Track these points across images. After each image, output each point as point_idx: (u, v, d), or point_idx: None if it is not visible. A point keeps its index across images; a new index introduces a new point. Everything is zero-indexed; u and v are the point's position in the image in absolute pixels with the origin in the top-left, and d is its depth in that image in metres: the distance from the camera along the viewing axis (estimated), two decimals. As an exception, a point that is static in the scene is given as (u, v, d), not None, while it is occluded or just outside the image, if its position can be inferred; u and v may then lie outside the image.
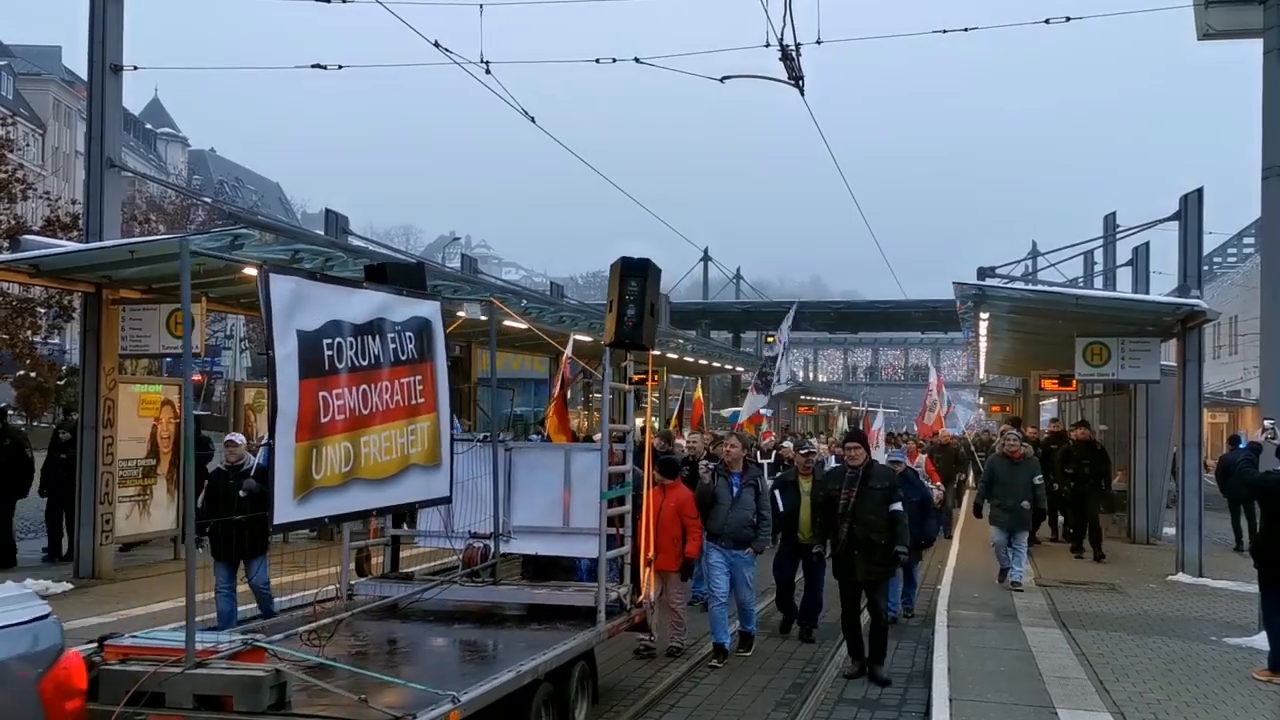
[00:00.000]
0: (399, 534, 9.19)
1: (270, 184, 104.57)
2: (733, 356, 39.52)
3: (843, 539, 9.61)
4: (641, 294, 8.41)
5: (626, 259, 8.56)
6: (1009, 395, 45.41)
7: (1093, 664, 9.64)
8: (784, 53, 12.84)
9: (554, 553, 9.20)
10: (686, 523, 10.15)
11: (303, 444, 6.03)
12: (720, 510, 10.37)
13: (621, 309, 8.41)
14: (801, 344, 78.13)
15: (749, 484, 10.46)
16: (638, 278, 8.46)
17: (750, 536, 10.36)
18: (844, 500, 9.63)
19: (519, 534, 8.78)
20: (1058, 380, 24.60)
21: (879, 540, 9.53)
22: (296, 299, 6.01)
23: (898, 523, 9.64)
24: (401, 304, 7.15)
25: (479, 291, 17.94)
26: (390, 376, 6.89)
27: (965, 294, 16.18)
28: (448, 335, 7.92)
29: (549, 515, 8.76)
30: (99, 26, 14.32)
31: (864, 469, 9.73)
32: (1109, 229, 23.08)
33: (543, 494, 8.78)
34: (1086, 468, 17.19)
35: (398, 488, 7.04)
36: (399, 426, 7.00)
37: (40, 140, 60.67)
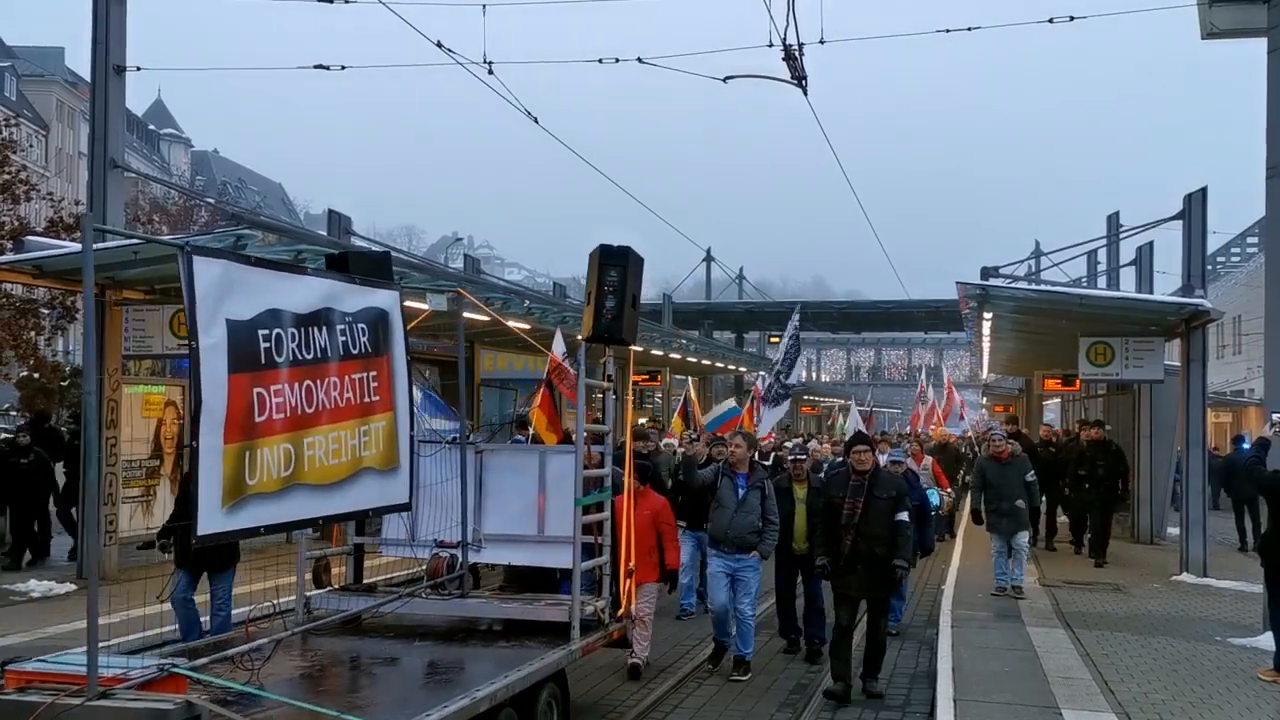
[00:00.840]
0: (362, 542, 8.52)
1: (273, 185, 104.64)
2: (735, 357, 39.53)
3: (845, 552, 8.91)
4: (622, 284, 7.79)
5: (605, 247, 7.93)
6: (1012, 395, 45.40)
7: (1097, 664, 9.62)
8: (787, 53, 12.83)
9: (528, 562, 8.53)
10: (663, 530, 9.49)
11: (233, 446, 5.45)
12: (724, 514, 9.72)
13: (600, 301, 7.79)
14: (805, 344, 78.19)
15: (755, 486, 9.76)
16: (617, 267, 7.83)
17: (754, 542, 9.68)
18: (848, 511, 8.92)
19: (490, 542, 8.19)
20: (1061, 380, 24.58)
21: (884, 555, 8.89)
22: (226, 284, 5.46)
23: (901, 534, 9.00)
24: (353, 293, 6.59)
25: (481, 292, 17.96)
26: (339, 372, 6.31)
27: (969, 294, 16.17)
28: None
29: (523, 522, 8.16)
30: (102, 28, 14.35)
31: (870, 476, 9.05)
32: (1112, 228, 23.06)
33: (516, 499, 8.18)
34: (1100, 469, 16.47)
35: (348, 493, 6.45)
36: (350, 427, 6.43)
37: (43, 141, 60.72)
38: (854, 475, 9.07)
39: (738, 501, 9.70)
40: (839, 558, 8.98)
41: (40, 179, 34.88)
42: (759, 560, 9.78)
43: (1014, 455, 13.73)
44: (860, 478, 9.01)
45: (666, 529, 9.55)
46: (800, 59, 13.01)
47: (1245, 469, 17.47)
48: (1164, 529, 19.30)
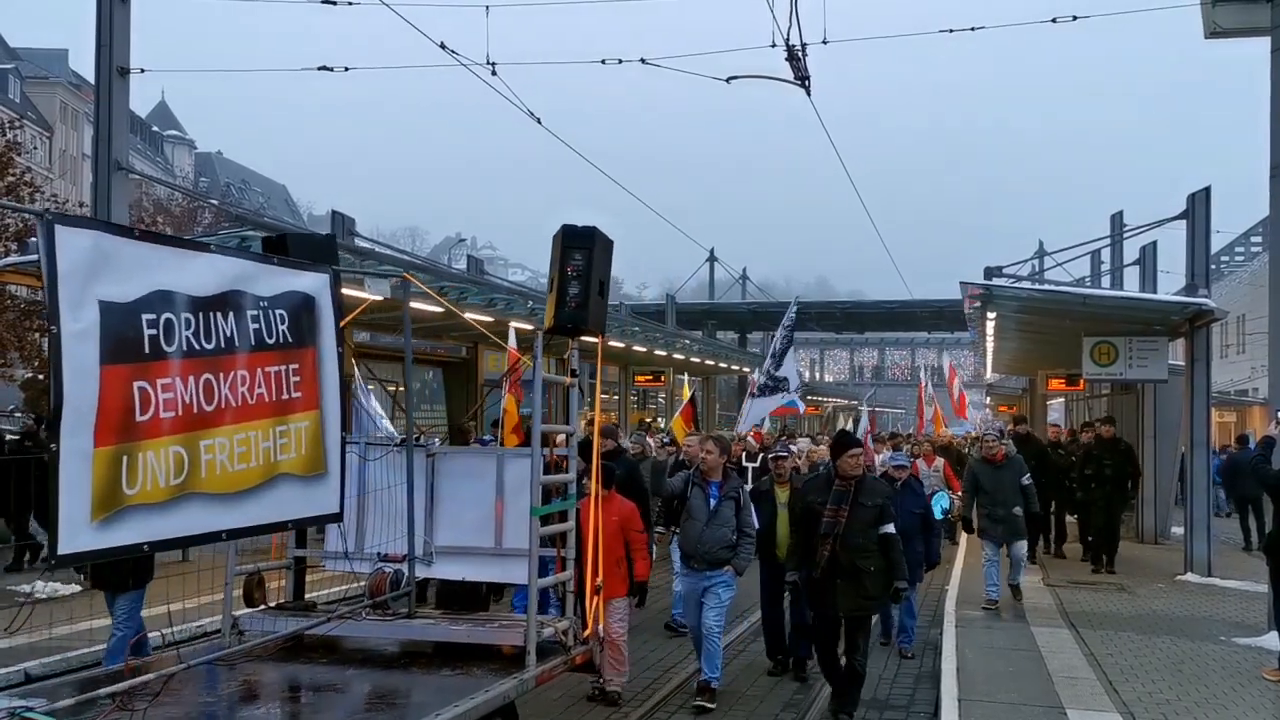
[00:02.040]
0: (304, 555, 7.78)
1: (277, 186, 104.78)
2: (739, 357, 39.54)
3: (822, 563, 8.05)
4: (587, 268, 7.09)
5: (568, 227, 7.22)
6: (1016, 395, 45.36)
7: (1101, 664, 9.62)
8: (790, 53, 12.85)
9: (484, 578, 7.88)
10: (630, 539, 8.71)
11: (106, 449, 4.71)
12: (694, 527, 8.86)
13: (563, 287, 7.10)
14: (808, 344, 78.17)
15: (729, 495, 8.89)
16: (581, 249, 7.13)
17: (727, 558, 8.78)
18: (829, 519, 8.07)
19: (443, 556, 7.44)
20: (1065, 380, 24.57)
21: (866, 567, 8.04)
22: (99, 260, 4.73)
23: (893, 549, 8.15)
24: (270, 275, 5.80)
25: (485, 293, 17.99)
26: (250, 364, 5.54)
27: (972, 293, 16.17)
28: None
29: (478, 533, 7.40)
30: (106, 30, 14.37)
31: (856, 481, 8.19)
32: (1116, 228, 23.05)
33: (472, 508, 7.41)
34: (1108, 469, 15.71)
35: (261, 503, 5.65)
36: (263, 427, 5.66)
37: (47, 143, 60.84)
38: (838, 480, 8.20)
39: (709, 513, 8.86)
40: (815, 570, 8.13)
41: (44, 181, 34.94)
42: (733, 576, 8.91)
43: (1009, 457, 12.77)
44: (846, 483, 8.14)
45: (635, 537, 8.76)
46: (803, 59, 13.03)
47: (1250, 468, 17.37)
48: (1168, 529, 19.29)
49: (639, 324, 28.47)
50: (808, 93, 13.64)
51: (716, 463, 9.03)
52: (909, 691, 9.47)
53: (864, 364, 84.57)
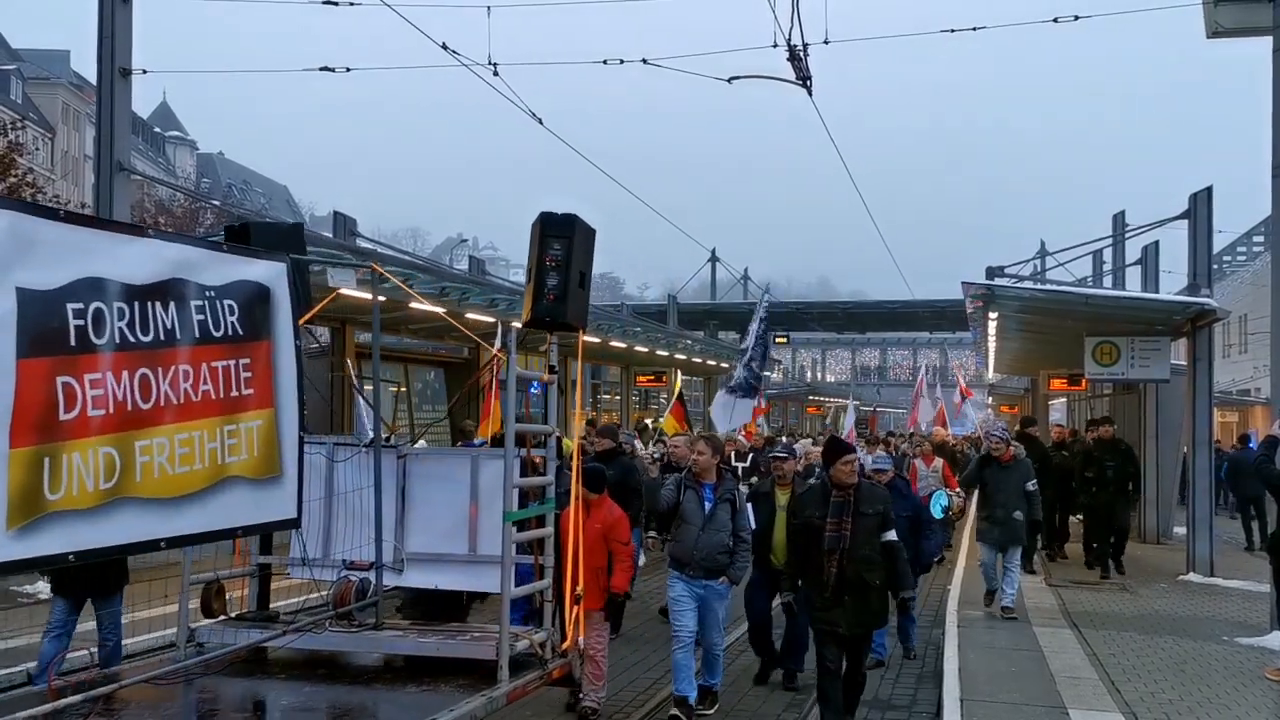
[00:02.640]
0: (269, 562, 7.34)
1: (278, 186, 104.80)
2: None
3: (830, 582, 7.45)
4: (566, 259, 6.70)
5: (546, 215, 6.85)
6: (1018, 395, 45.36)
7: (1104, 664, 9.61)
8: (791, 53, 12.85)
9: (457, 586, 7.46)
10: (614, 549, 8.13)
11: (23, 450, 4.33)
12: (688, 532, 8.28)
13: (540, 278, 6.72)
14: (809, 344, 78.17)
15: (724, 498, 8.36)
16: (561, 238, 6.73)
17: (725, 564, 8.28)
18: (833, 532, 7.44)
19: (414, 563, 7.04)
20: (1067, 380, 24.57)
21: (873, 581, 7.50)
22: (16, 243, 4.36)
23: (898, 558, 7.61)
24: (219, 263, 5.38)
25: (486, 293, 18.00)
26: (192, 358, 5.09)
27: (974, 294, 16.17)
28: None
29: (452, 539, 7.03)
30: (108, 31, 14.37)
31: (855, 490, 7.58)
32: (1118, 228, 23.04)
33: (445, 513, 7.05)
34: (1110, 470, 15.16)
35: (206, 509, 5.18)
36: (208, 426, 5.21)
37: (49, 144, 60.88)
38: (835, 491, 7.56)
39: (705, 517, 8.30)
40: (824, 589, 7.52)
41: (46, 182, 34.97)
42: (729, 586, 8.42)
43: (1016, 458, 12.14)
44: (844, 493, 7.54)
45: (618, 548, 8.16)
46: (805, 59, 13.04)
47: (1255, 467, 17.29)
48: (1170, 528, 19.27)
49: (640, 324, 28.47)
50: (809, 93, 13.64)
51: (709, 464, 8.48)
52: (911, 691, 9.47)
53: (866, 364, 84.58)
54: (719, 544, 8.28)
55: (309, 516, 6.70)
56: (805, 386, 68.30)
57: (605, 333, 24.05)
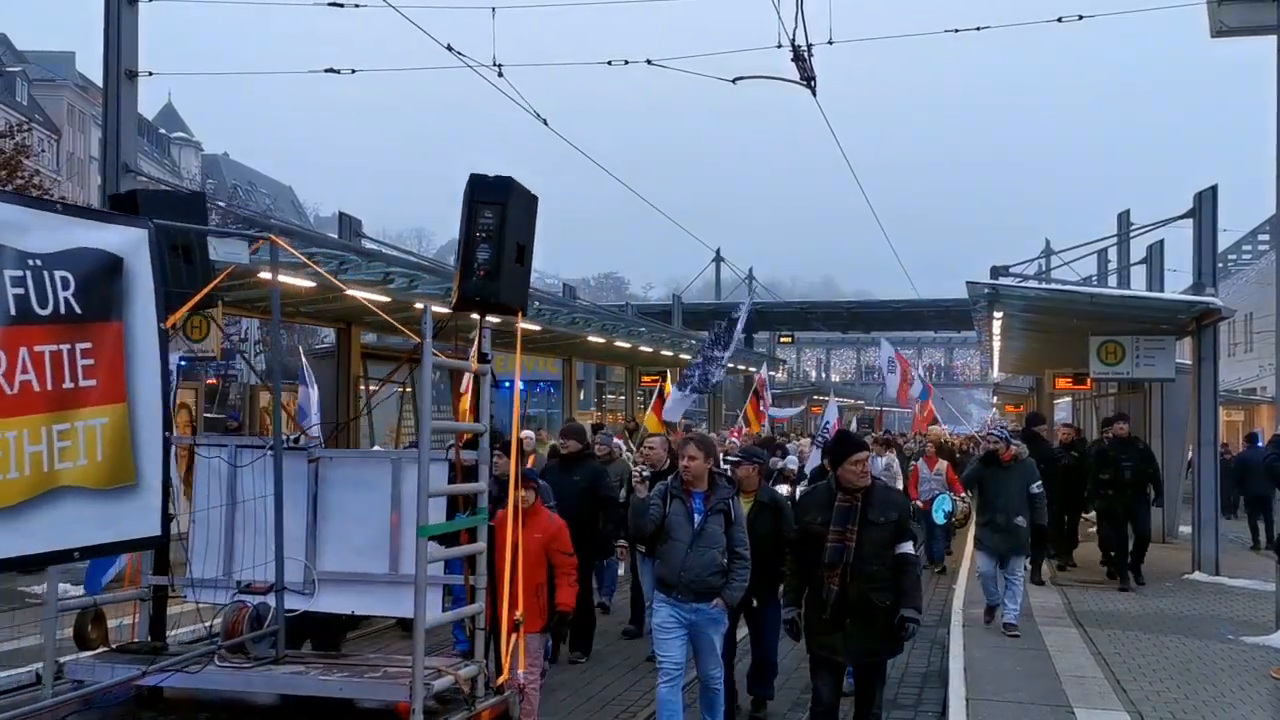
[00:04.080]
0: (162, 583, 6.29)
1: (283, 188, 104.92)
2: (745, 357, 39.54)
3: (830, 601, 6.52)
4: (499, 228, 5.72)
5: (477, 177, 5.85)
6: (1023, 394, 45.34)
7: (1109, 663, 9.62)
8: (795, 53, 12.87)
9: (378, 611, 6.50)
10: (557, 561, 7.31)
11: None
12: (675, 549, 7.13)
13: (469, 251, 5.74)
14: (814, 344, 78.14)
15: (717, 509, 7.19)
16: (493, 205, 5.75)
17: (718, 585, 7.12)
18: (836, 542, 6.52)
19: (328, 584, 6.08)
20: (1072, 379, 24.54)
21: (881, 601, 6.52)
22: None
23: (908, 573, 6.61)
24: (48, 225, 4.43)
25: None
26: (5, 342, 4.21)
27: (978, 293, 16.17)
28: None
29: (371, 556, 6.04)
30: (114, 33, 14.40)
31: (864, 494, 6.68)
32: (1123, 227, 23.01)
33: (363, 525, 6.07)
34: (1127, 471, 14.10)
35: (24, 527, 4.22)
36: (29, 425, 4.30)
37: (55, 146, 61.03)
38: (841, 495, 6.65)
39: (694, 532, 7.15)
40: (822, 608, 6.58)
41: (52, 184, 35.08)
42: (724, 610, 7.26)
43: (1018, 458, 11.23)
44: (851, 497, 6.62)
45: (561, 560, 7.34)
46: (809, 59, 13.05)
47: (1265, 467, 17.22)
48: (1175, 528, 19.25)
49: (645, 324, 28.49)
50: (813, 93, 13.67)
51: (701, 470, 7.25)
52: (916, 690, 9.48)
53: (870, 364, 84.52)
54: (710, 563, 7.10)
55: (207, 530, 6.08)
56: (810, 386, 68.30)
57: (610, 333, 24.08)
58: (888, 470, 15.98)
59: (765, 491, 8.38)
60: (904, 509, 6.87)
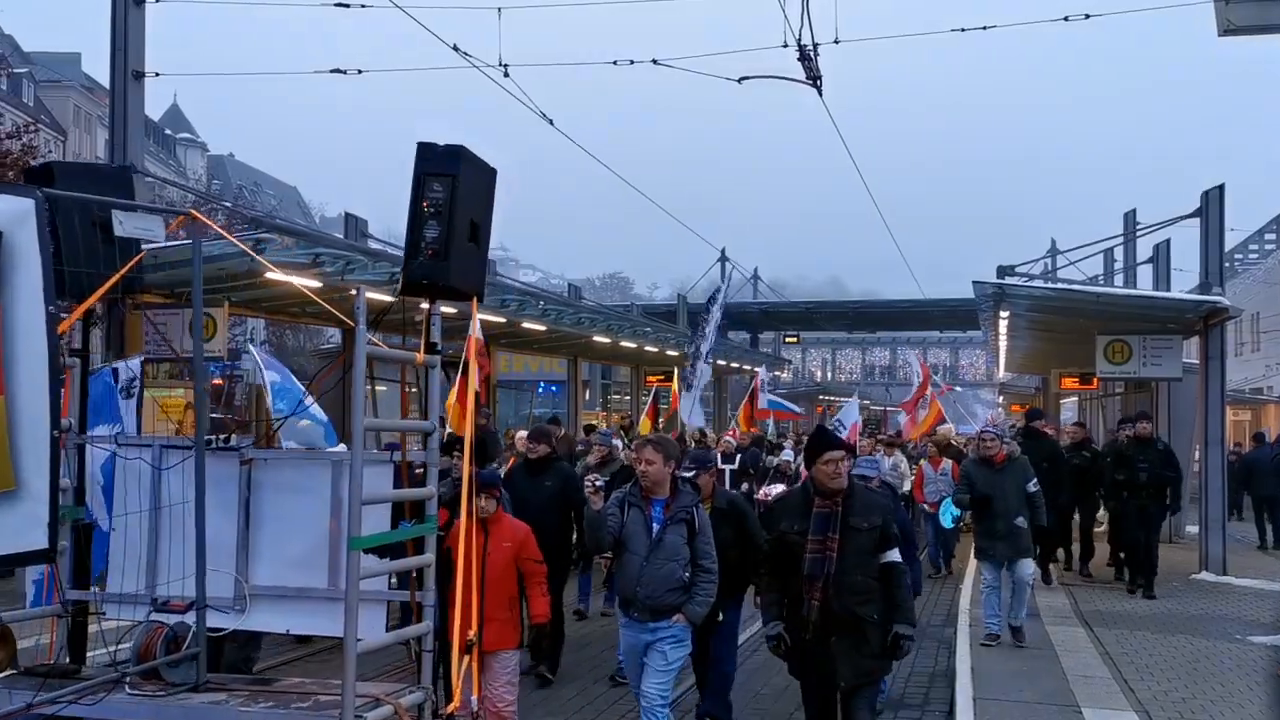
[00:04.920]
0: (83, 598, 5.64)
1: (289, 188, 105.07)
2: (751, 357, 39.54)
3: (812, 618, 5.85)
4: (449, 203, 5.10)
5: (425, 146, 5.25)
6: (1029, 394, 45.26)
7: (1117, 662, 9.61)
8: (802, 53, 12.87)
9: (317, 630, 5.72)
10: (527, 569, 6.89)
11: None
12: (631, 562, 6.44)
13: (418, 229, 5.13)
14: (819, 344, 78.11)
15: (678, 518, 6.46)
16: (442, 177, 5.14)
17: (677, 602, 6.38)
18: (815, 553, 5.86)
19: (261, 600, 5.47)
20: (1078, 379, 24.51)
21: (869, 615, 5.87)
22: None
23: (897, 583, 5.99)
24: None
25: (496, 294, 18.02)
26: None
27: (984, 292, 16.17)
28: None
29: (308, 569, 5.37)
30: (121, 34, 14.45)
31: (844, 497, 6.00)
32: (1129, 226, 22.98)
33: (301, 534, 5.44)
34: (1144, 473, 13.46)
35: None
36: None
37: (61, 147, 61.11)
38: (819, 500, 5.98)
39: (650, 543, 6.41)
40: (805, 627, 5.90)
41: (59, 184, 35.10)
42: (686, 628, 6.49)
43: (1011, 458, 10.74)
44: (830, 502, 5.94)
45: (531, 568, 6.90)
46: (815, 59, 13.05)
47: (1276, 466, 17.11)
48: (1183, 527, 19.22)
49: (650, 324, 28.49)
50: (819, 92, 13.66)
51: (660, 475, 6.51)
52: (924, 690, 9.46)
53: (875, 364, 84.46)
54: (669, 577, 6.36)
55: (123, 538, 5.48)
56: (815, 386, 68.27)
57: (615, 333, 24.11)
58: (894, 470, 15.87)
59: (722, 496, 7.74)
60: (888, 512, 6.20)
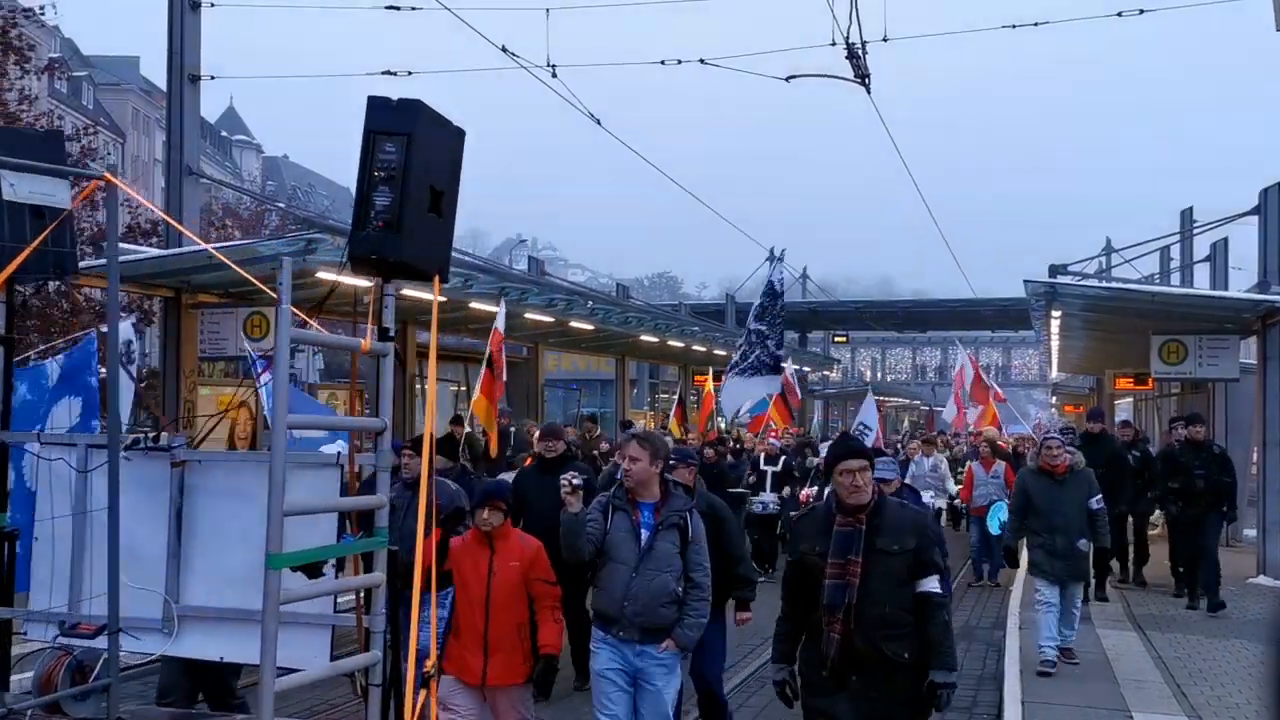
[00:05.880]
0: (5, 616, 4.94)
1: (341, 189, 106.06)
2: (799, 356, 39.42)
3: (830, 654, 4.93)
4: (403, 166, 4.36)
5: (376, 99, 4.53)
6: (1082, 395, 44.70)
7: (1169, 667, 9.47)
8: (850, 51, 12.82)
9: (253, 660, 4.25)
10: (537, 591, 5.88)
11: None
12: (617, 573, 5.65)
13: (365, 195, 4.39)
14: (869, 344, 77.64)
15: (669, 524, 5.70)
16: (395, 135, 4.40)
17: (669, 620, 5.62)
18: (834, 580, 4.94)
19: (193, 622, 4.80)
20: (1133, 379, 24.19)
21: (898, 654, 4.90)
22: None
23: (933, 619, 4.97)
24: None
25: (545, 293, 18.13)
26: None
27: (1036, 291, 16.00)
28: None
29: (248, 587, 4.50)
30: (177, 37, 14.72)
31: (870, 514, 5.02)
32: (1186, 224, 22.66)
33: (239, 547, 4.73)
34: (1200, 480, 12.44)
35: None
36: None
37: (120, 149, 62.30)
38: (840, 517, 5.03)
39: (639, 553, 5.65)
40: (823, 664, 4.98)
41: (117, 186, 35.79)
42: (676, 656, 5.73)
43: (1074, 469, 9.42)
44: (853, 520, 5.00)
45: (542, 590, 5.89)
46: (864, 57, 12.99)
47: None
48: (1240, 531, 18.88)
49: (698, 323, 28.50)
50: (868, 90, 13.61)
51: (645, 474, 5.71)
52: (971, 693, 9.39)
53: (926, 364, 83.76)
54: (661, 590, 5.59)
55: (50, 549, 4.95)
56: (864, 386, 67.87)
57: (663, 332, 24.16)
58: (934, 472, 15.52)
59: (702, 498, 6.81)
60: (925, 533, 5.13)
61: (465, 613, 5.77)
